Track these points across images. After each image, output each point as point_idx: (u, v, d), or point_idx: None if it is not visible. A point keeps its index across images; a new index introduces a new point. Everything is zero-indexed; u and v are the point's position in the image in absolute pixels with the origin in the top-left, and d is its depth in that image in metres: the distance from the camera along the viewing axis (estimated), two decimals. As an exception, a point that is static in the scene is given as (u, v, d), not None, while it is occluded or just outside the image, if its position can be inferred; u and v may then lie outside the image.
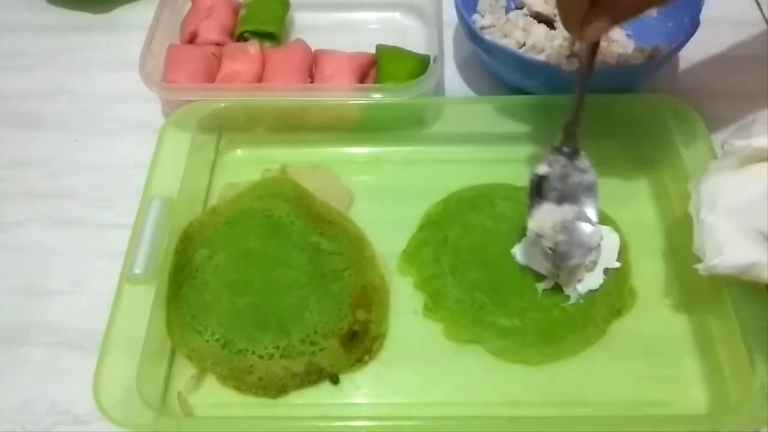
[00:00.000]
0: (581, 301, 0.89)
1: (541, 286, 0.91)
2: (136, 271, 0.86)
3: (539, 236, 0.90)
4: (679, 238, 0.90)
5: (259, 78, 1.10)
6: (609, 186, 0.96)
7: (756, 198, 0.80)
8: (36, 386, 0.88)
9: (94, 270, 0.95)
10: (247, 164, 1.04)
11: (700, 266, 0.80)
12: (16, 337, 0.92)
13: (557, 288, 0.91)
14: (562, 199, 0.91)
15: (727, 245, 0.79)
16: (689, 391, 0.84)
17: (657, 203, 0.99)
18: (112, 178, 1.06)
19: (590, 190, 0.92)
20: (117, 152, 1.09)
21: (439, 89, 1.16)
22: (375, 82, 1.10)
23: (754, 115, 0.85)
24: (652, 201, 0.99)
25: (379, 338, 0.88)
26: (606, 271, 0.91)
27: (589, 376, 0.85)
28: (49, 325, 0.93)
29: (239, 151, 1.07)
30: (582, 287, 0.90)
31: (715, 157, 0.88)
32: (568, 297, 0.90)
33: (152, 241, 0.88)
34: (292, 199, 0.96)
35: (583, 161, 0.91)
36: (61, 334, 0.92)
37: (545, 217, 0.91)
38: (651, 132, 1.01)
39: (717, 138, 0.91)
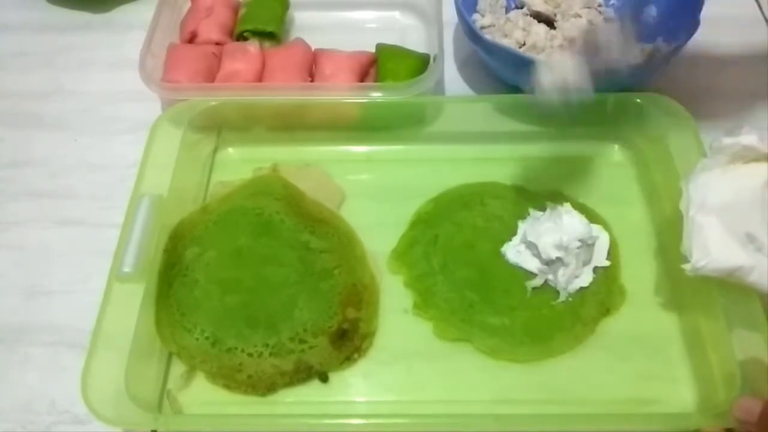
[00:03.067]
0: (570, 299, 0.89)
1: (530, 284, 0.90)
2: (126, 269, 0.86)
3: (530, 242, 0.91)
4: (670, 237, 0.89)
5: (259, 77, 1.10)
6: (600, 184, 0.96)
7: (744, 200, 0.80)
8: (36, 386, 0.89)
9: (94, 269, 0.94)
10: (241, 162, 1.04)
11: (686, 266, 0.80)
12: (16, 337, 0.92)
13: (547, 286, 0.90)
14: None
15: (714, 247, 0.79)
16: (677, 389, 0.84)
17: (648, 202, 0.99)
18: (111, 178, 1.06)
19: None
20: (116, 152, 1.09)
21: (439, 88, 1.17)
22: (375, 81, 1.10)
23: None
24: (643, 200, 0.99)
25: (369, 336, 0.88)
26: (596, 269, 0.91)
27: (577, 375, 0.85)
28: (48, 324, 0.93)
29: (231, 150, 1.07)
30: (572, 285, 0.89)
31: (706, 155, 0.87)
32: (558, 295, 0.89)
33: (142, 239, 0.89)
34: (282, 197, 0.97)
35: None
36: (61, 334, 0.92)
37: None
38: (642, 130, 1.01)
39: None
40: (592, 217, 0.95)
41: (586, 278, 0.90)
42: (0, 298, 0.96)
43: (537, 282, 0.90)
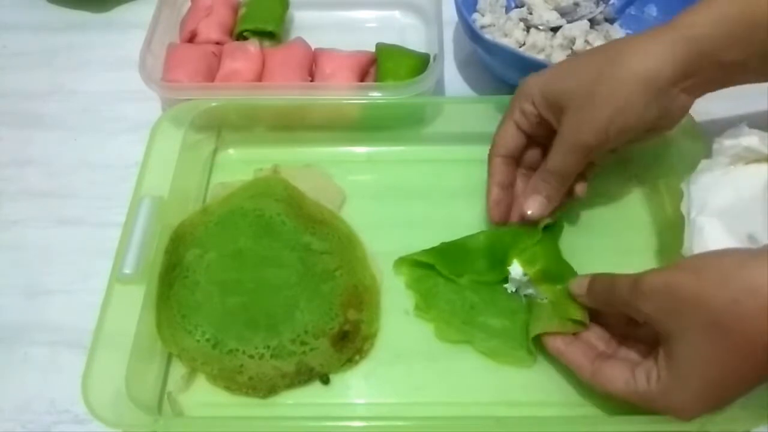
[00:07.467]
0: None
1: (521, 292, 0.90)
2: (126, 271, 0.86)
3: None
4: (670, 238, 0.89)
5: (259, 77, 1.10)
6: (600, 185, 0.95)
7: (745, 201, 0.80)
8: (36, 385, 0.88)
9: (94, 269, 0.95)
10: (242, 163, 1.04)
11: None
12: (15, 336, 0.92)
13: None
14: None
15: (716, 249, 0.78)
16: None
17: (649, 203, 0.98)
18: (111, 177, 1.06)
19: None
20: (116, 151, 1.09)
21: (439, 88, 1.17)
22: (375, 81, 1.10)
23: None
24: (644, 200, 0.99)
25: (370, 338, 0.88)
26: None
27: (578, 377, 0.84)
28: (48, 324, 0.93)
29: (232, 151, 1.07)
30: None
31: (707, 156, 0.87)
32: None
33: (142, 240, 0.88)
34: (283, 198, 0.96)
35: None
36: (61, 334, 0.92)
37: None
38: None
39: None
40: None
41: None
42: (0, 297, 0.95)
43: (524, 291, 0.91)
